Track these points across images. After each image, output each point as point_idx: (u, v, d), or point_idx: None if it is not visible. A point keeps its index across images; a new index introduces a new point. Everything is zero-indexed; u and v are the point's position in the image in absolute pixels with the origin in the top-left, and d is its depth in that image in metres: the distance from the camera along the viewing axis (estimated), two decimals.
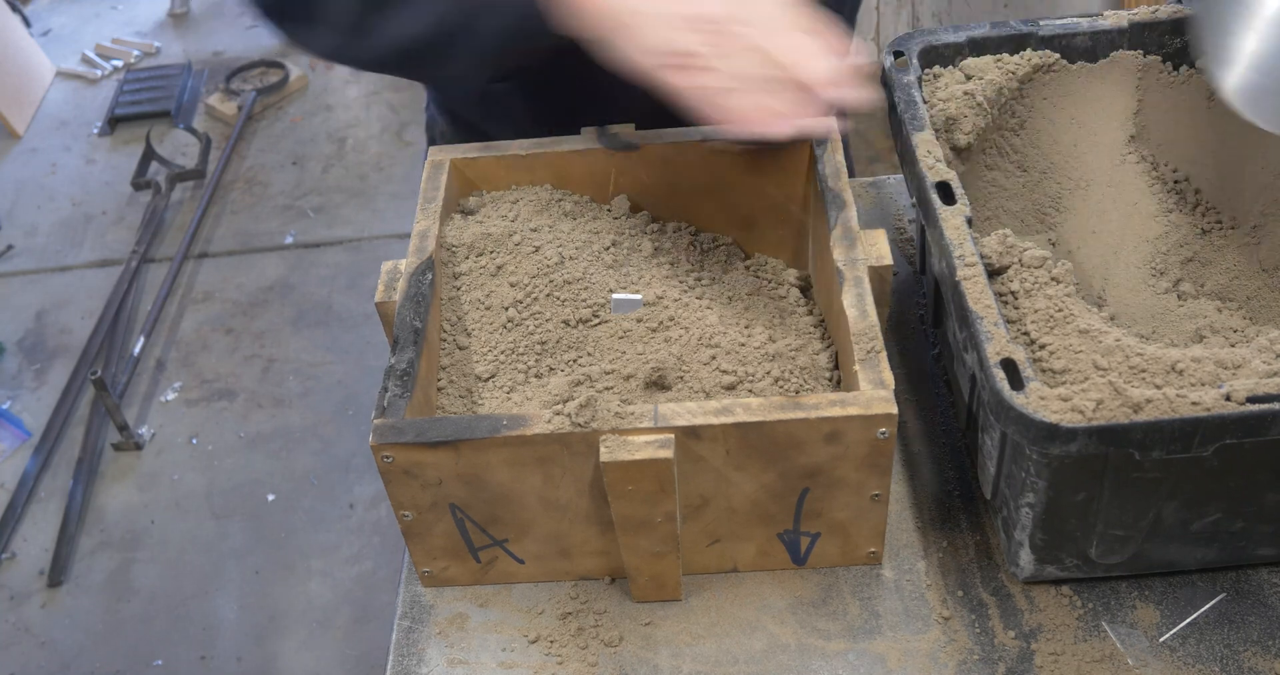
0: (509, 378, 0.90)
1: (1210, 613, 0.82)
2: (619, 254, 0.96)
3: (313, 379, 2.69)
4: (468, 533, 0.84)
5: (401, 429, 0.77)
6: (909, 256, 1.13)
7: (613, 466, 0.75)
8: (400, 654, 0.85)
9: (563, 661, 0.83)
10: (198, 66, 3.84)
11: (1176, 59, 1.00)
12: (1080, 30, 0.99)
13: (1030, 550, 0.80)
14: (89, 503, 2.44)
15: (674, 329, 0.90)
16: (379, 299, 0.90)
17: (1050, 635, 0.82)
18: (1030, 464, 0.74)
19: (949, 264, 0.80)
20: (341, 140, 3.46)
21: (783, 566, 0.87)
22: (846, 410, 0.75)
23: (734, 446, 0.77)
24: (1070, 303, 0.80)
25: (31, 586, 2.29)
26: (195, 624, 2.19)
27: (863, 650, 0.82)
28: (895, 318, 1.05)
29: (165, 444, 2.56)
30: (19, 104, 3.65)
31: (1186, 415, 0.68)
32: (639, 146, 0.99)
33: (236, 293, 2.95)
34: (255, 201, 3.25)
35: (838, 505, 0.81)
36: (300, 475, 2.46)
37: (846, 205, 0.90)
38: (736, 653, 0.83)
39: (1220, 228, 0.96)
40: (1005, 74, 0.98)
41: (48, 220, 3.28)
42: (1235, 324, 0.90)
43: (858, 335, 0.80)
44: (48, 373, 2.78)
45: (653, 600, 0.86)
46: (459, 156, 1.00)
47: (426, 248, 0.92)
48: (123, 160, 3.46)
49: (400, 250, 3.01)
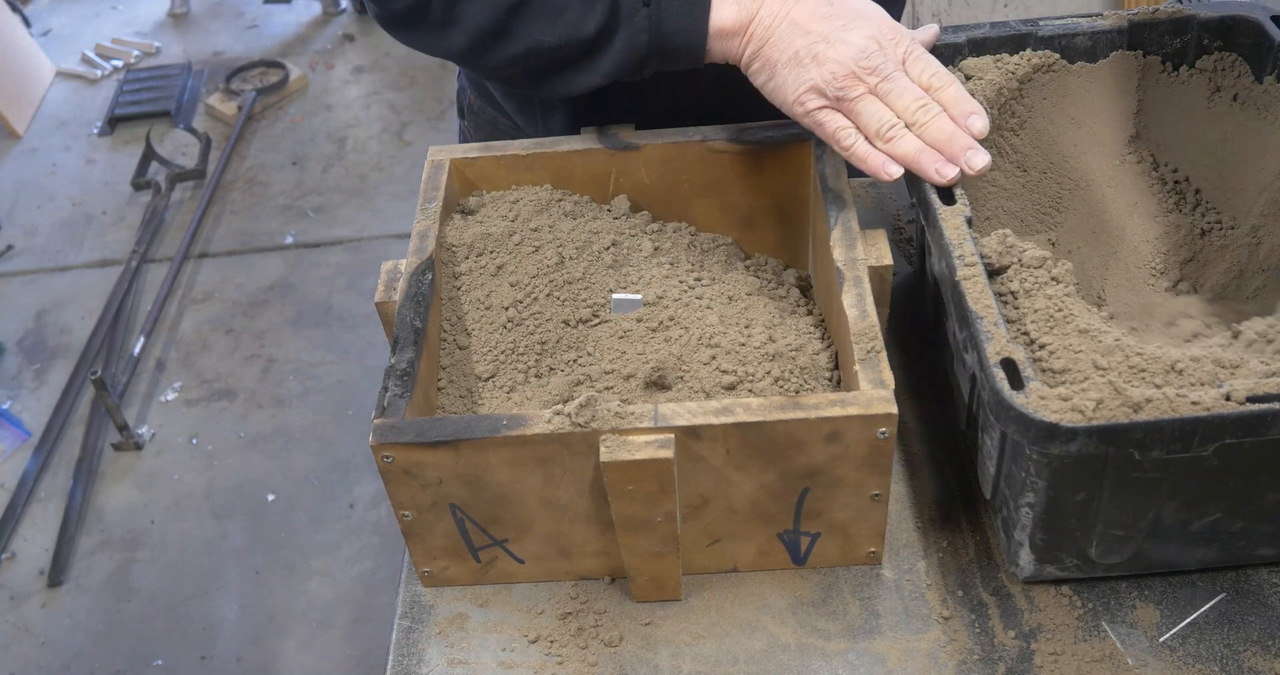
0: (509, 378, 0.90)
1: (1210, 613, 0.82)
2: (619, 254, 0.96)
3: (313, 379, 2.69)
4: (468, 533, 0.84)
5: (401, 429, 0.77)
6: (909, 256, 1.13)
7: (613, 466, 0.75)
8: (400, 654, 0.85)
9: (563, 661, 0.83)
10: (198, 66, 3.85)
11: (1176, 59, 1.00)
12: (1080, 30, 0.99)
13: (1030, 550, 0.80)
14: (89, 503, 2.44)
15: (674, 329, 0.90)
16: (379, 299, 0.90)
17: (1050, 635, 0.82)
18: (1030, 464, 0.74)
19: (949, 264, 0.80)
20: (341, 140, 3.46)
21: (783, 566, 0.87)
22: (846, 410, 0.75)
23: (734, 446, 0.77)
24: (1070, 302, 0.80)
25: (31, 586, 2.30)
26: (195, 624, 2.19)
27: (863, 650, 0.82)
28: (895, 318, 1.05)
29: (165, 444, 2.56)
30: (19, 104, 3.65)
31: (1186, 415, 0.68)
32: (639, 146, 0.99)
33: (236, 293, 2.95)
34: (255, 201, 3.25)
35: (838, 505, 0.81)
36: (300, 475, 2.46)
37: (846, 205, 0.90)
38: (736, 653, 0.83)
39: (1220, 228, 0.96)
40: (1005, 74, 0.98)
41: (48, 220, 3.28)
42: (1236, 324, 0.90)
43: (858, 335, 0.80)
44: (48, 373, 2.78)
45: (653, 600, 0.86)
46: (459, 156, 1.00)
47: (426, 248, 0.92)
48: (123, 160, 3.46)
49: (400, 250, 3.01)
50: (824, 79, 0.86)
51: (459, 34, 0.93)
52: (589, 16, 0.89)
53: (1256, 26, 0.97)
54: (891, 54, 0.87)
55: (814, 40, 0.86)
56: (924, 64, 0.88)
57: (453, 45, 0.94)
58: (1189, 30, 0.99)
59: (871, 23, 0.87)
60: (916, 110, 0.86)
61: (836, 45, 0.86)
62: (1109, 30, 0.99)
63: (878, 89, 0.86)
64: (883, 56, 0.86)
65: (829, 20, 0.87)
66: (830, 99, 0.86)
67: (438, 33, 0.94)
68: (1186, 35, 0.99)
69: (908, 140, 0.86)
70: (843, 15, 0.87)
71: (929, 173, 0.85)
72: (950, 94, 0.87)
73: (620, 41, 0.90)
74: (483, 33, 0.92)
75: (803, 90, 0.87)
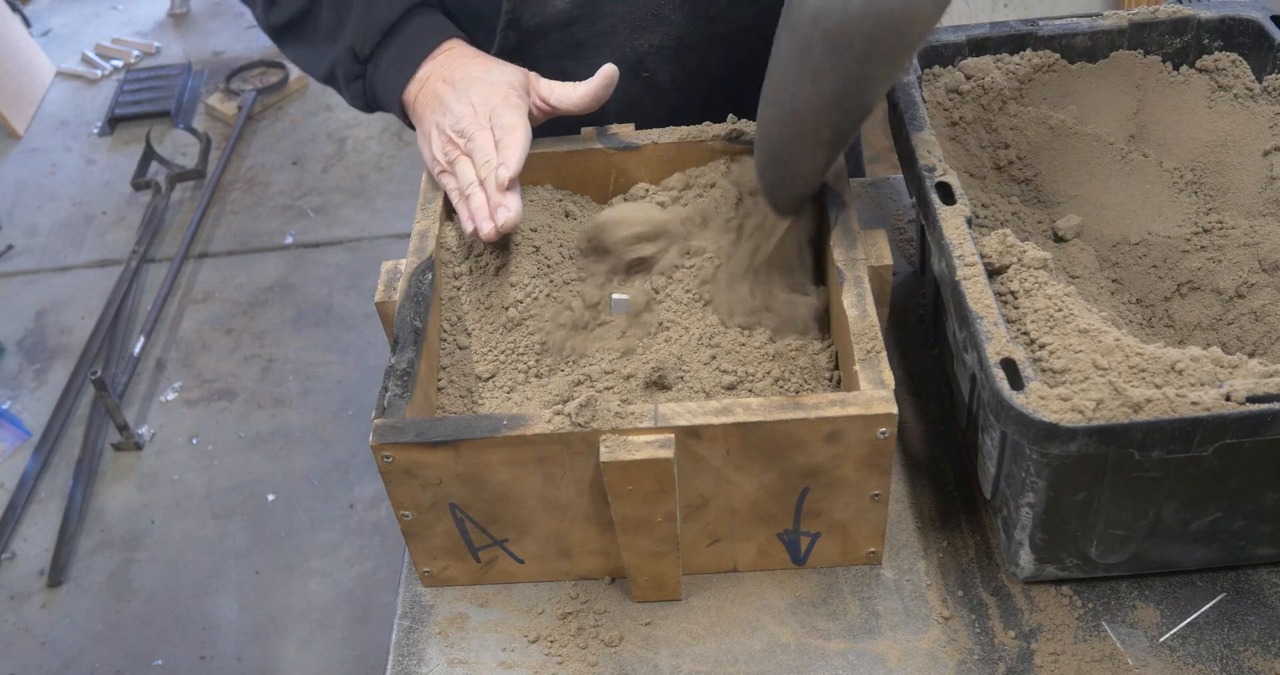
0: (509, 378, 0.90)
1: (1210, 613, 0.82)
2: None
3: (313, 379, 2.69)
4: (468, 533, 0.84)
5: (401, 429, 0.77)
6: (909, 256, 1.13)
7: (613, 466, 0.75)
8: (400, 654, 0.85)
9: (563, 661, 0.83)
10: (198, 66, 3.84)
11: (1176, 59, 1.00)
12: (1080, 30, 0.99)
13: (1030, 550, 0.80)
14: (89, 503, 2.44)
15: (674, 329, 0.90)
16: (379, 299, 0.90)
17: (1050, 635, 0.82)
18: (1030, 464, 0.74)
19: (949, 264, 0.80)
20: (341, 140, 3.46)
21: (783, 566, 0.87)
22: (846, 410, 0.75)
23: (734, 446, 0.77)
24: (1070, 302, 0.80)
25: (31, 586, 2.29)
26: (195, 624, 2.19)
27: (863, 650, 0.82)
28: (895, 318, 1.05)
29: (165, 444, 2.56)
30: (19, 104, 3.65)
31: (1186, 415, 0.68)
32: (639, 146, 0.99)
33: (236, 293, 2.95)
34: (255, 201, 3.25)
35: (838, 505, 0.81)
36: (300, 475, 2.46)
37: (846, 205, 0.90)
38: (736, 653, 0.83)
39: (1221, 227, 0.96)
40: (1005, 74, 0.98)
41: (48, 220, 3.28)
42: (1236, 324, 0.90)
43: (858, 335, 0.80)
44: (48, 373, 2.78)
45: (653, 600, 0.86)
46: None
47: (426, 248, 0.92)
48: (123, 160, 3.46)
49: (400, 250, 3.01)
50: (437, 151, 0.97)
51: (268, 28, 1.10)
52: (319, 65, 1.06)
53: (1256, 26, 0.97)
54: None
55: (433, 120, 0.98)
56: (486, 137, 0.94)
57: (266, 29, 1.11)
58: (1189, 30, 0.99)
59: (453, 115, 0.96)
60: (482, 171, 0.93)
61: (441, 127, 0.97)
62: (1109, 30, 0.99)
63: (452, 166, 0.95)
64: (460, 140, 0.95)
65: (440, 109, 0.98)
66: (444, 165, 0.97)
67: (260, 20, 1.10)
68: (1186, 35, 0.99)
69: (475, 199, 0.92)
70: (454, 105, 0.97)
71: (483, 230, 0.91)
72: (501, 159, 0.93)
73: (345, 93, 1.06)
74: (272, 32, 1.09)
75: (429, 157, 0.99)
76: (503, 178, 0.89)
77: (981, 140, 1.00)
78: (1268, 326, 0.88)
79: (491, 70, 0.97)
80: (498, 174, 0.89)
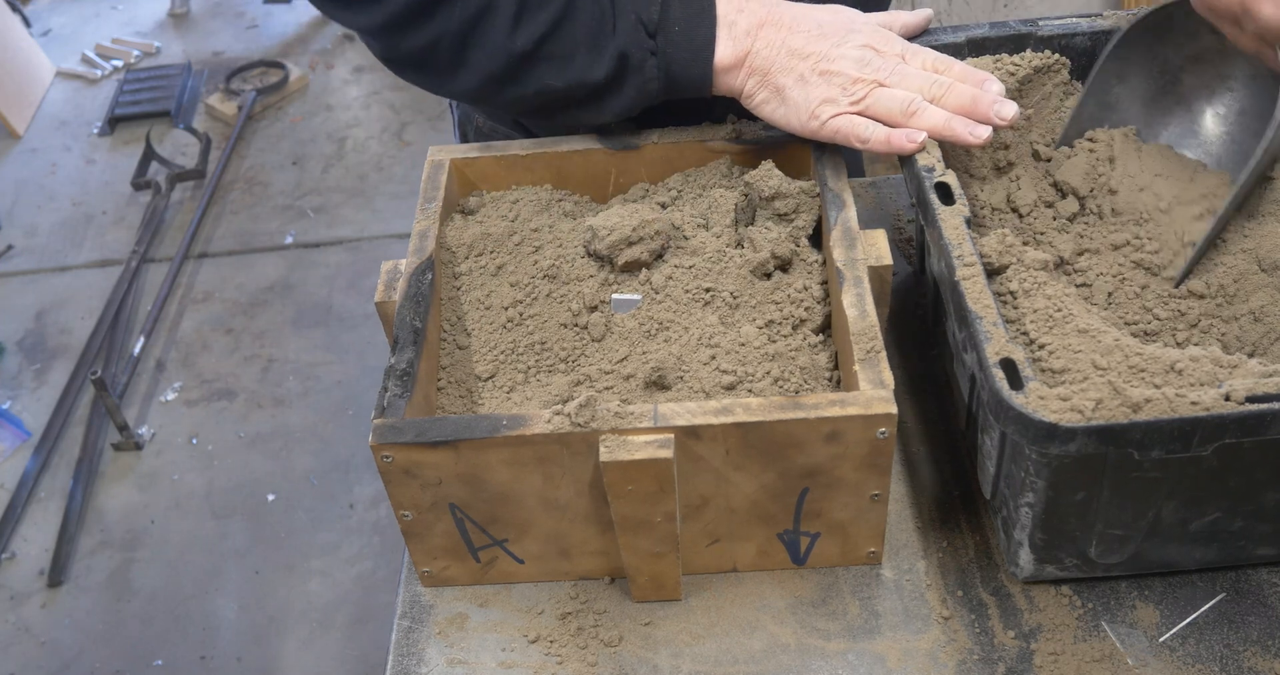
0: (509, 378, 0.90)
1: (1210, 613, 0.82)
2: None
3: (313, 379, 2.69)
4: (467, 533, 0.84)
5: (401, 429, 0.77)
6: (909, 256, 1.13)
7: (612, 466, 0.75)
8: (400, 654, 0.85)
9: (563, 661, 0.83)
10: (198, 66, 3.85)
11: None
12: (1080, 30, 1.00)
13: (1030, 550, 0.80)
14: (89, 503, 2.44)
15: (673, 329, 0.90)
16: (379, 299, 0.90)
17: (1050, 635, 0.82)
18: (1030, 464, 0.74)
19: (948, 264, 0.80)
20: (341, 140, 3.46)
21: (782, 566, 0.87)
22: (846, 410, 0.75)
23: (734, 446, 0.77)
24: (1069, 302, 0.80)
25: (31, 586, 2.30)
26: (195, 624, 2.19)
27: (863, 650, 0.82)
28: (895, 318, 1.05)
29: (165, 444, 2.56)
30: (19, 104, 3.66)
31: (1186, 415, 0.68)
32: (639, 146, 0.99)
33: (236, 293, 2.95)
34: (255, 201, 3.25)
35: (837, 505, 0.81)
36: (300, 475, 2.46)
37: (846, 205, 0.90)
38: (736, 653, 0.83)
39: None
40: (1005, 74, 0.98)
41: (48, 220, 3.28)
42: (1236, 323, 0.90)
43: (858, 335, 0.80)
44: (48, 373, 2.78)
45: (653, 600, 0.86)
46: (459, 156, 1.00)
47: (426, 248, 0.92)
48: (123, 160, 3.46)
49: (400, 250, 3.01)
50: (833, 91, 0.90)
51: (468, 77, 0.94)
52: (597, 65, 0.92)
53: None
54: (889, 56, 0.91)
55: (815, 61, 0.91)
56: (922, 56, 0.92)
57: (461, 88, 0.95)
58: None
59: (861, 34, 0.92)
60: (930, 87, 0.90)
61: (836, 60, 0.90)
62: (1109, 30, 0.99)
63: (887, 81, 0.90)
64: (881, 60, 0.91)
65: (823, 40, 0.91)
66: (844, 106, 0.90)
67: (446, 75, 0.95)
68: None
69: (932, 111, 0.89)
70: (834, 33, 0.92)
71: (963, 136, 0.88)
72: (957, 70, 0.91)
73: (631, 87, 0.93)
74: (492, 77, 0.93)
75: (816, 104, 0.91)
76: (996, 88, 0.89)
77: None
78: (1267, 326, 0.88)
79: None
80: (986, 87, 0.89)
